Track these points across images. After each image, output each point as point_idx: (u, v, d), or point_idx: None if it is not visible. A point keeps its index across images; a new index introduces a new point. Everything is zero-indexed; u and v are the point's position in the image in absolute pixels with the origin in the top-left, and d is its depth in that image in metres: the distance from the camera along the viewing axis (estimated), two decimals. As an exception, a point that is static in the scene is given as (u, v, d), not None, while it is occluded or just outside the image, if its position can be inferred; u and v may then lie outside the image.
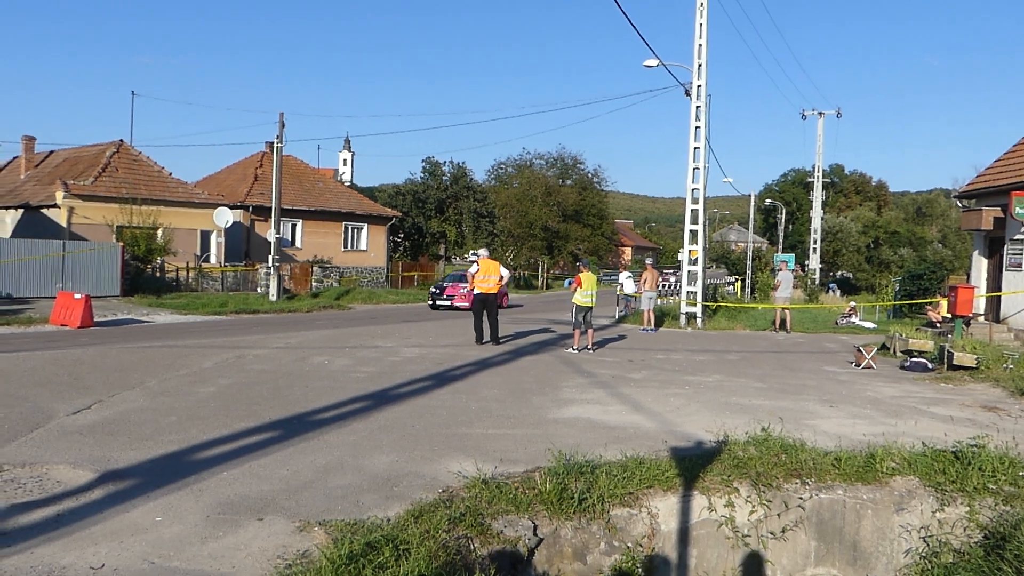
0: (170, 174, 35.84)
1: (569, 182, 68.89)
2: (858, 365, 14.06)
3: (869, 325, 24.05)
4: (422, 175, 53.28)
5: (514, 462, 6.87)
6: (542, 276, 57.81)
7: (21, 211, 32.82)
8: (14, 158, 40.84)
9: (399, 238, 51.28)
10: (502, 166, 68.10)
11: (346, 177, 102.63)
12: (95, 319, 19.21)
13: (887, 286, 41.14)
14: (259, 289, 32.89)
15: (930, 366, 13.82)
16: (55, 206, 30.55)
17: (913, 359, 14.26)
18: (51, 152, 39.56)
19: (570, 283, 16.76)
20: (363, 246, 44.69)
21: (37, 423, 7.89)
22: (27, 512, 5.30)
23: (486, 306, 16.00)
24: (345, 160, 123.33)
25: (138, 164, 34.88)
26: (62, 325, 18.62)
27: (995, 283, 20.62)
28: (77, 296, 19.08)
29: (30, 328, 18.42)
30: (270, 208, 32.44)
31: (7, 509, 5.34)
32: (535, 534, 5.66)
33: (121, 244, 28.48)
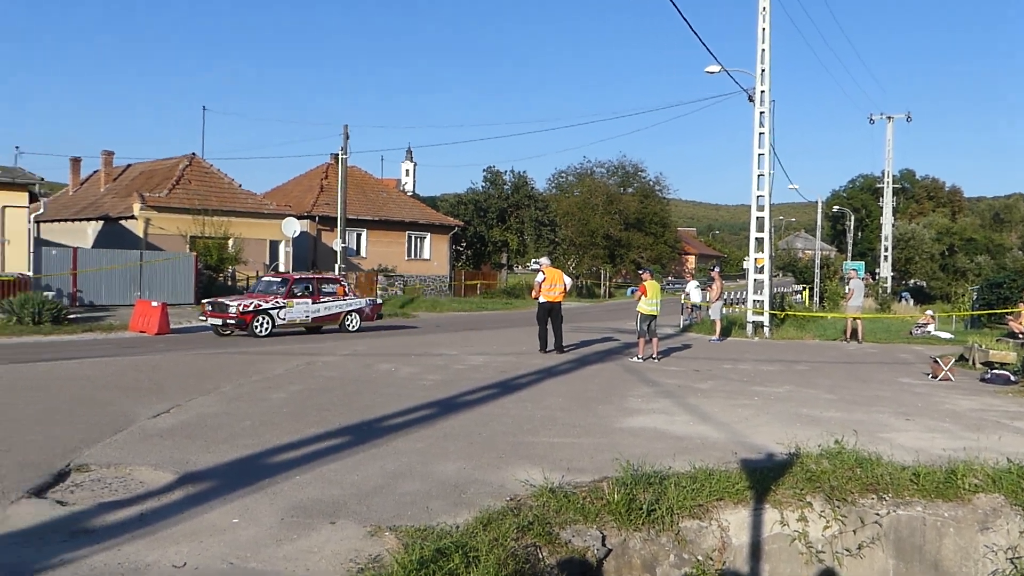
0: (240, 186, 36.86)
1: (630, 190, 68.43)
2: (935, 377, 13.61)
3: (945, 335, 23.26)
4: (483, 184, 53.64)
5: (581, 471, 6.84)
6: (604, 284, 57.54)
7: (101, 222, 34.16)
8: (95, 172, 42.59)
9: (461, 247, 51.67)
10: (563, 175, 68.10)
11: (408, 187, 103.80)
12: (171, 326, 19.85)
13: (963, 295, 39.77)
14: (325, 297, 33.49)
15: (1012, 379, 13.29)
16: (132, 218, 31.70)
17: (994, 371, 13.74)
18: (128, 166, 41.12)
19: (633, 292, 16.66)
20: (426, 255, 45.19)
21: (120, 426, 8.19)
22: (113, 511, 5.50)
23: (551, 315, 16.00)
24: (407, 170, 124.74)
25: (209, 176, 35.96)
26: (141, 332, 19.28)
27: (1081, 292, 19.74)
28: (154, 304, 19.75)
29: (111, 335, 19.14)
30: (336, 218, 33.08)
31: (95, 508, 5.56)
32: (603, 544, 5.63)
33: (195, 254, 29.38)
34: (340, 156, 32.49)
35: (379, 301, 23.99)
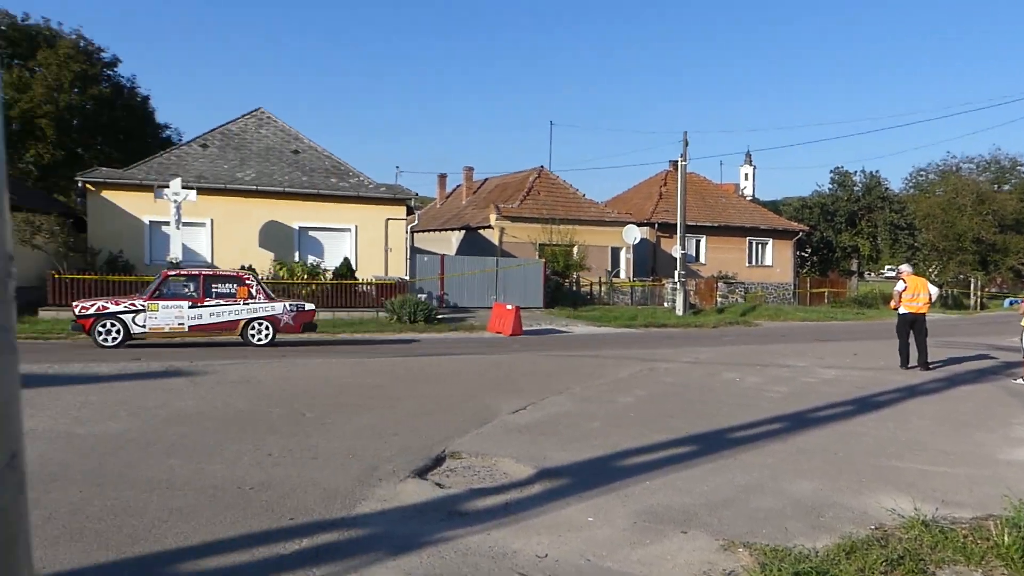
0: (583, 195, 38.59)
1: (1007, 187, 59.86)
2: None
3: None
4: (830, 186, 50.56)
5: (958, 505, 6.10)
6: (975, 295, 50.83)
7: (463, 232, 37.89)
8: (457, 186, 47.51)
9: (806, 253, 49.05)
10: (922, 173, 61.62)
11: (747, 192, 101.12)
12: (523, 328, 21.36)
13: None
14: (665, 303, 33.77)
15: None
16: (489, 227, 34.70)
17: None
18: (486, 179, 45.19)
19: (1013, 303, 14.56)
20: (768, 261, 43.56)
21: (485, 419, 8.99)
22: (482, 498, 6.04)
23: (913, 327, 14.53)
24: (746, 174, 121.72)
25: (555, 187, 38.14)
26: (497, 333, 21.01)
27: None
28: (509, 307, 21.39)
29: (472, 334, 21.10)
30: (674, 224, 33.20)
31: (467, 493, 6.15)
32: (991, 592, 4.95)
33: (543, 260, 31.32)
34: (679, 163, 32.59)
35: (309, 308, 17.42)
